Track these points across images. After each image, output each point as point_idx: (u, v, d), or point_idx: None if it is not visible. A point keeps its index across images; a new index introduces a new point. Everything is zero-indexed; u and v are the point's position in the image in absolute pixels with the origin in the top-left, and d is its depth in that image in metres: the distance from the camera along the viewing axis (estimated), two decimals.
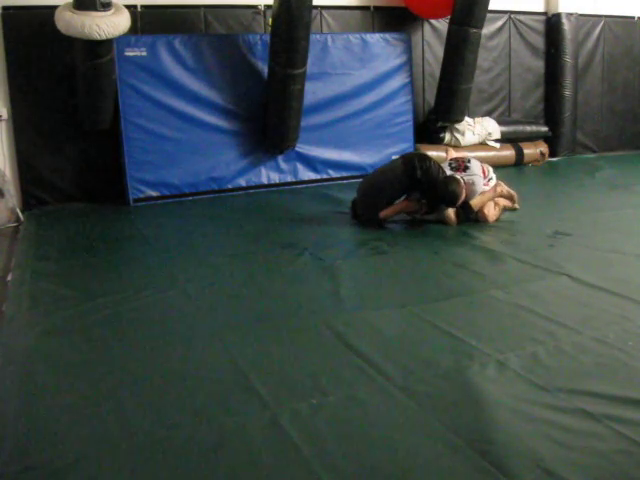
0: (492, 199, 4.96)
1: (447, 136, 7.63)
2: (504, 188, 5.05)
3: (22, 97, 6.10)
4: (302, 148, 6.98)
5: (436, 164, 4.88)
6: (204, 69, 6.49)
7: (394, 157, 5.36)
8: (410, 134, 7.47)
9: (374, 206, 4.95)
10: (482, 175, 4.97)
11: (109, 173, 6.47)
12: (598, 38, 8.96)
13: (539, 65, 8.69)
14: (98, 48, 5.54)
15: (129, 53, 6.15)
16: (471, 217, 4.90)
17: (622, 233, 4.50)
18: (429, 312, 3.08)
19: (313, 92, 6.81)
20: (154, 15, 6.52)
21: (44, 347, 2.85)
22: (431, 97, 7.82)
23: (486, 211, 4.89)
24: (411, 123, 7.48)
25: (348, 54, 7.10)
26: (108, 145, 6.44)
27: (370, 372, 2.45)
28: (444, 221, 4.92)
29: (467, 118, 7.78)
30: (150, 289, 3.59)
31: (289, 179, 7.01)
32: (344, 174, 7.19)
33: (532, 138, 8.30)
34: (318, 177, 7.14)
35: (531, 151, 8.18)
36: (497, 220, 4.95)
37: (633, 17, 9.23)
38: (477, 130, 7.73)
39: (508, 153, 7.98)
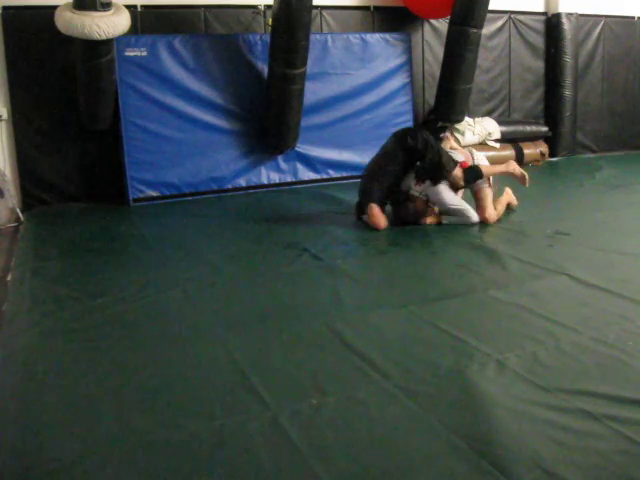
0: (504, 172, 5.04)
1: None
2: (516, 168, 5.11)
3: (22, 97, 6.10)
4: (302, 148, 6.98)
5: (426, 132, 4.95)
6: (204, 69, 6.49)
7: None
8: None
9: (371, 190, 4.95)
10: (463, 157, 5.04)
11: (109, 173, 6.48)
12: (598, 38, 8.95)
13: (539, 65, 8.69)
14: (98, 48, 5.54)
15: (129, 53, 6.16)
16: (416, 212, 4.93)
17: (622, 233, 4.50)
18: (429, 312, 3.08)
19: (313, 92, 6.82)
20: (154, 15, 6.52)
21: (44, 347, 2.85)
22: (431, 97, 7.82)
23: (487, 215, 4.89)
24: (411, 123, 7.47)
25: (348, 54, 7.10)
26: (108, 145, 6.44)
27: (370, 372, 2.45)
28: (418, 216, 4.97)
29: (467, 118, 7.78)
30: (150, 289, 3.60)
31: (289, 179, 7.01)
32: (344, 174, 7.19)
33: (532, 138, 8.30)
34: (318, 177, 7.14)
35: (531, 151, 8.18)
36: (498, 220, 4.95)
37: (633, 17, 9.23)
38: (477, 130, 7.73)
39: (508, 153, 7.98)
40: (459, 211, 4.90)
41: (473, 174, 4.87)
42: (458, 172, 4.87)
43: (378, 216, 4.86)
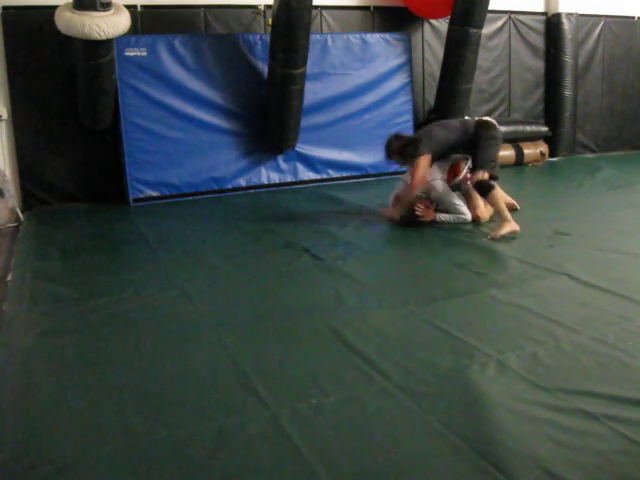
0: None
1: None
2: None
3: (22, 97, 6.11)
4: (302, 148, 6.98)
5: (493, 135, 4.84)
6: (204, 69, 6.50)
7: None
8: (410, 134, 7.47)
9: (437, 135, 4.90)
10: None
11: (109, 173, 6.48)
12: (598, 38, 8.96)
13: (539, 65, 8.69)
14: (98, 48, 5.54)
15: (129, 53, 6.16)
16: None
17: (622, 233, 4.50)
18: (429, 312, 3.08)
19: (313, 92, 6.82)
20: (154, 15, 6.53)
21: (44, 347, 2.84)
22: (431, 97, 7.83)
23: (479, 212, 4.90)
24: (411, 123, 7.48)
25: (348, 54, 7.11)
26: (108, 145, 6.45)
27: (370, 372, 2.45)
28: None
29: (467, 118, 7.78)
30: (150, 289, 3.59)
31: (289, 179, 7.02)
32: (344, 174, 7.20)
33: (532, 138, 8.30)
34: (318, 177, 7.15)
35: (531, 151, 8.19)
36: (490, 219, 4.93)
37: (633, 17, 9.24)
38: None
39: (508, 153, 7.99)
40: (457, 209, 4.89)
41: (484, 189, 4.71)
42: (481, 175, 4.72)
43: (423, 176, 4.77)
